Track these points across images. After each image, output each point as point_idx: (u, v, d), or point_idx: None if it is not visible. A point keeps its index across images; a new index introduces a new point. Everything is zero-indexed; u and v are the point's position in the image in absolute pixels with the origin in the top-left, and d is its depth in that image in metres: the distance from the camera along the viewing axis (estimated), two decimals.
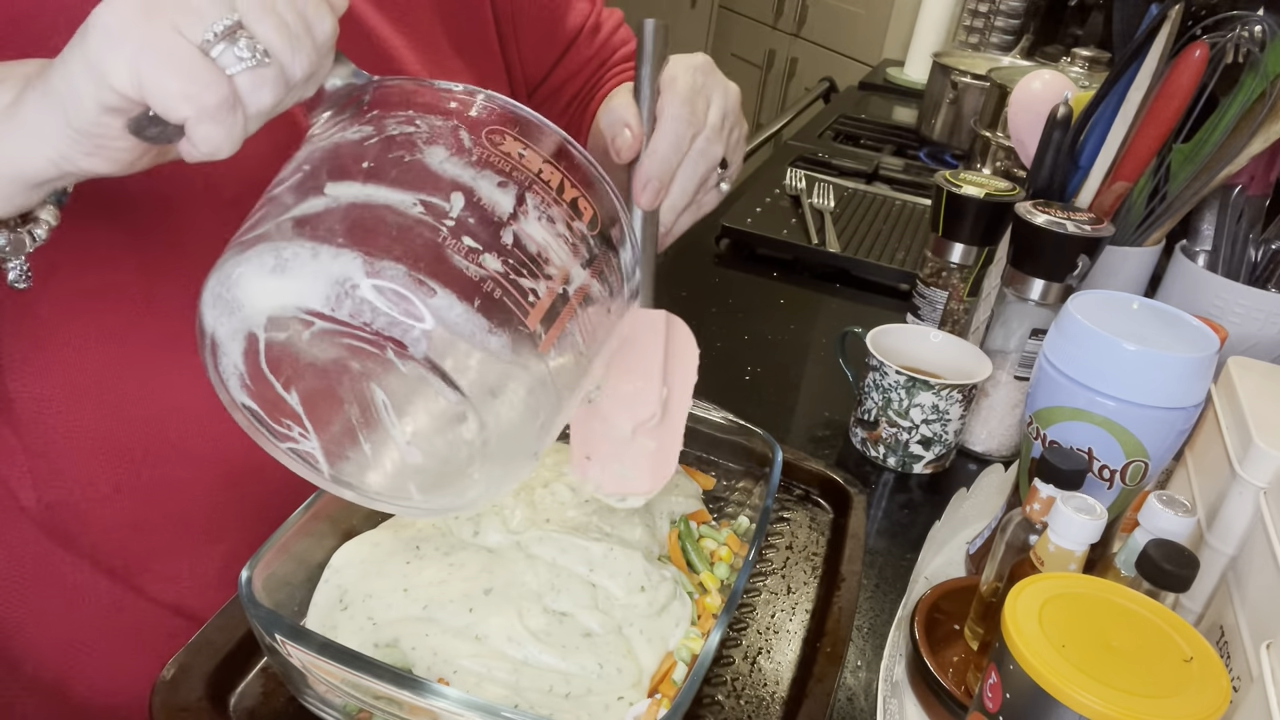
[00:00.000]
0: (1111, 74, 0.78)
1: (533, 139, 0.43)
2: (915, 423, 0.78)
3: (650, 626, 0.52)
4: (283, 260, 0.37)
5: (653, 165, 0.52)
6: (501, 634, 0.49)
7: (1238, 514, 0.57)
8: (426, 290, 0.36)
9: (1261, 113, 0.74)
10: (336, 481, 0.44)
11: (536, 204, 0.41)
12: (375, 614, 0.50)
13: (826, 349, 0.99)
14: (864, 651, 0.61)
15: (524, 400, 0.40)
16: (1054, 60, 1.72)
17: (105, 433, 0.54)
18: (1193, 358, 0.55)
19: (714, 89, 0.55)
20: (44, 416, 0.52)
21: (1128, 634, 0.40)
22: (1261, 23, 0.74)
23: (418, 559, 0.54)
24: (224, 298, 0.38)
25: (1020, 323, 0.78)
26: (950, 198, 0.82)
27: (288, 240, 0.37)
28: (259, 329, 0.38)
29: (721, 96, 0.55)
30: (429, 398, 0.39)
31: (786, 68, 2.82)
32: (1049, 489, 0.54)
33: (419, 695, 0.42)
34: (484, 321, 0.38)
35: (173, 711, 0.46)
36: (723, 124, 0.55)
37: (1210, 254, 0.83)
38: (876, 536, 0.73)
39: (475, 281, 0.38)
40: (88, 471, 0.54)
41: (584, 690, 0.48)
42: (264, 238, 0.37)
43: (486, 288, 0.38)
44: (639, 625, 0.52)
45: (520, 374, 0.40)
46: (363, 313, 0.36)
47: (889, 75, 2.12)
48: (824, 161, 1.50)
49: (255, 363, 0.40)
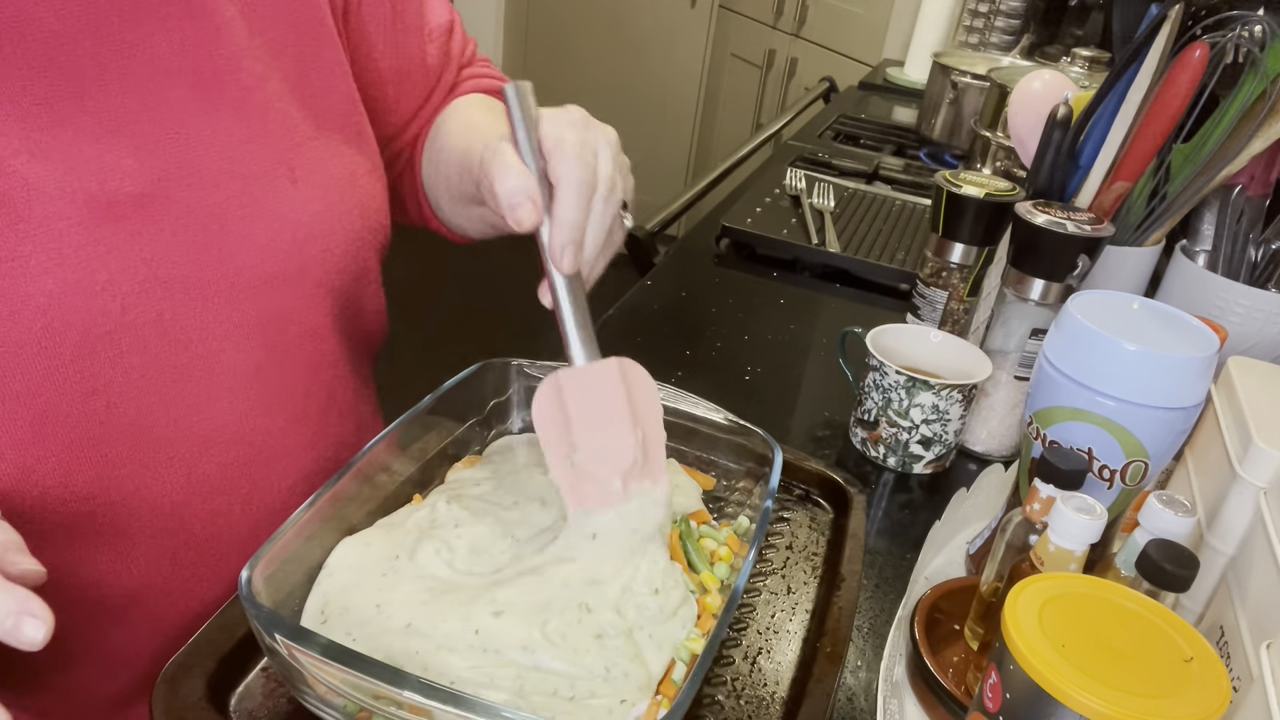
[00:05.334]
0: (1111, 74, 0.78)
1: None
2: (915, 423, 0.78)
3: (660, 631, 0.53)
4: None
5: (564, 234, 0.54)
6: (515, 643, 0.50)
7: (1238, 514, 0.57)
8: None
9: (1261, 113, 0.74)
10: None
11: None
12: (352, 629, 0.51)
13: (826, 349, 0.99)
14: (864, 651, 0.61)
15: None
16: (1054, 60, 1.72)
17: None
18: (1193, 358, 0.55)
19: (597, 140, 0.57)
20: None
21: (1128, 634, 0.40)
22: (1261, 23, 0.74)
23: (394, 571, 0.54)
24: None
25: (1020, 323, 0.78)
26: (950, 198, 0.82)
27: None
28: None
29: (606, 145, 0.57)
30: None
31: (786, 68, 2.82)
32: (1049, 489, 0.54)
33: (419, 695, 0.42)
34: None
35: (173, 711, 0.46)
36: (614, 171, 0.57)
37: (1210, 254, 0.83)
38: (876, 536, 0.73)
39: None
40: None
41: (588, 693, 0.48)
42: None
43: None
44: (649, 629, 0.52)
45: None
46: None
47: (889, 75, 2.12)
48: (824, 161, 1.50)
49: None
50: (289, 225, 0.59)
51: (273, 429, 0.61)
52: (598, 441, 0.56)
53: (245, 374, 0.58)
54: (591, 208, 0.56)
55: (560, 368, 0.67)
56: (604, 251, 0.59)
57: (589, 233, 0.56)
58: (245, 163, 0.57)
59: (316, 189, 0.61)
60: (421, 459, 0.64)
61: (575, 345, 0.56)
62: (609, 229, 0.57)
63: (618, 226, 0.59)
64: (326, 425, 0.66)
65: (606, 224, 0.57)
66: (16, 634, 0.37)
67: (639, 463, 0.57)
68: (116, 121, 0.51)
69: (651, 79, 3.23)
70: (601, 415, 0.57)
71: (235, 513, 0.60)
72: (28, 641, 0.37)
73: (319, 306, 0.62)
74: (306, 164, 0.60)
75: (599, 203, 0.56)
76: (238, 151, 0.56)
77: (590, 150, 0.56)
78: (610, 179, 0.57)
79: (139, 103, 0.52)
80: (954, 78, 1.61)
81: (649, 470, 0.57)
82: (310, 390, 0.64)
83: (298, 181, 0.59)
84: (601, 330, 0.96)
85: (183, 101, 0.54)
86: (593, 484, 0.56)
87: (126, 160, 0.51)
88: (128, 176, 0.51)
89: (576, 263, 0.55)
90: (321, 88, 0.63)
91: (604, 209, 0.56)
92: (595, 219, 0.56)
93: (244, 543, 0.60)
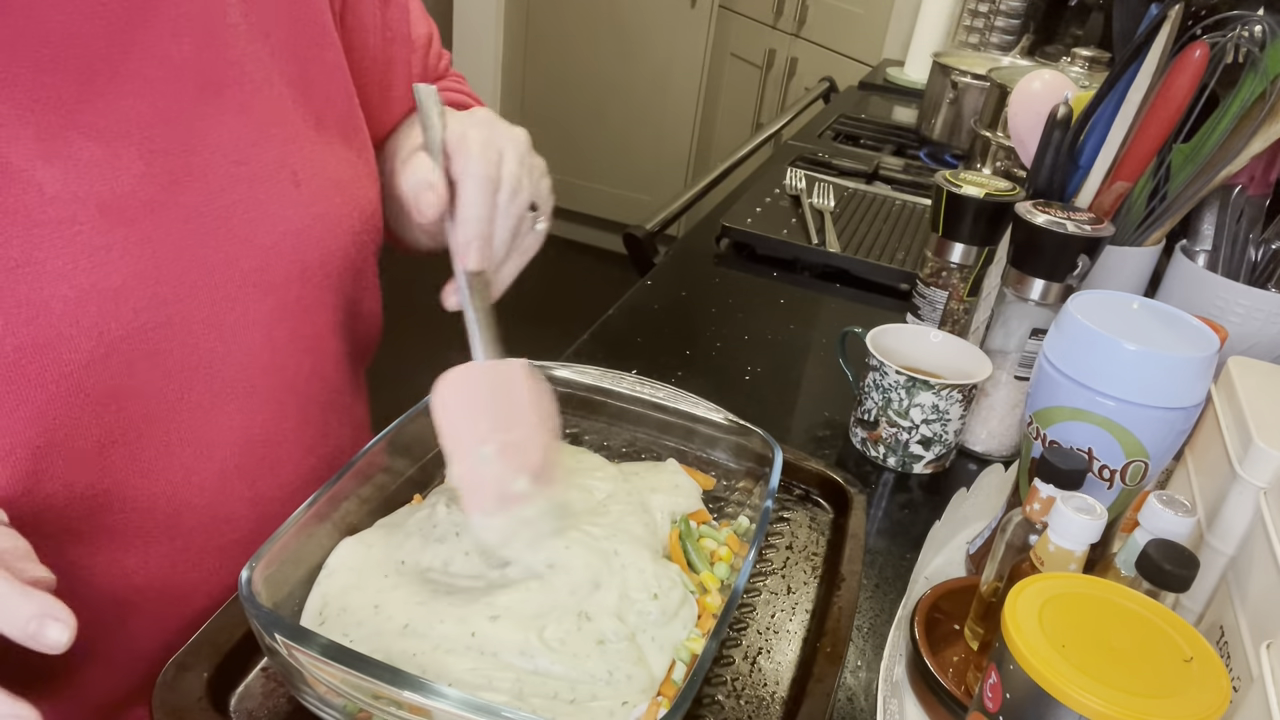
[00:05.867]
0: (1111, 74, 0.78)
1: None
2: (915, 423, 0.78)
3: (662, 633, 0.53)
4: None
5: (468, 229, 0.55)
6: (512, 647, 0.50)
7: (1238, 514, 0.57)
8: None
9: (1261, 113, 0.74)
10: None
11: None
12: (350, 630, 0.50)
13: (826, 349, 0.99)
14: (864, 651, 0.61)
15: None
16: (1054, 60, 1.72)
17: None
18: (1193, 358, 0.55)
19: (502, 140, 0.58)
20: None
21: (1128, 634, 0.40)
22: (1261, 23, 0.74)
23: (395, 572, 0.54)
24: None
25: (1020, 323, 0.78)
26: (950, 198, 0.82)
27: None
28: None
29: (511, 144, 0.58)
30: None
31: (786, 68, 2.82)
32: (1049, 489, 0.54)
33: (419, 695, 0.42)
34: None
35: (173, 711, 0.46)
36: (520, 170, 0.57)
37: (1210, 254, 0.83)
38: (876, 536, 0.73)
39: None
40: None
41: (589, 696, 0.48)
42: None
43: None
44: (651, 632, 0.52)
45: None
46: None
47: (889, 75, 2.12)
48: (824, 161, 1.50)
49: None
50: (294, 227, 0.59)
51: (276, 431, 0.61)
52: (509, 438, 0.55)
53: (250, 376, 0.58)
54: (496, 204, 0.56)
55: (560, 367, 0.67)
56: (513, 255, 0.59)
57: (496, 230, 0.56)
58: (251, 165, 0.57)
59: (319, 191, 0.61)
60: (421, 459, 0.64)
61: (479, 344, 0.55)
62: (514, 230, 0.58)
63: (527, 228, 0.60)
64: (327, 426, 0.66)
65: (512, 223, 0.57)
66: (40, 637, 0.37)
67: (541, 464, 0.56)
68: (126, 125, 0.51)
69: (651, 79, 3.23)
70: (511, 413, 0.56)
71: (238, 515, 0.60)
72: (52, 644, 0.37)
73: (321, 308, 0.62)
74: (309, 166, 0.60)
75: (504, 200, 0.56)
76: (243, 154, 0.57)
77: (494, 149, 0.56)
78: (515, 177, 0.57)
79: (149, 106, 0.52)
80: (954, 78, 1.61)
81: (548, 475, 0.57)
82: (312, 392, 0.64)
83: (301, 184, 0.59)
84: (601, 330, 0.97)
85: (191, 104, 0.54)
86: (496, 485, 0.55)
87: (136, 164, 0.51)
88: (138, 180, 0.51)
89: (483, 259, 0.55)
90: (322, 89, 0.63)
91: (509, 207, 0.57)
92: (501, 217, 0.56)
93: (246, 543, 0.60)
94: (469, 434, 0.54)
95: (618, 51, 3.24)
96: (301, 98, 0.61)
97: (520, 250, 0.60)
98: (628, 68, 3.25)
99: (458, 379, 0.55)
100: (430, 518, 0.58)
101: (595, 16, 3.21)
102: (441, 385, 0.54)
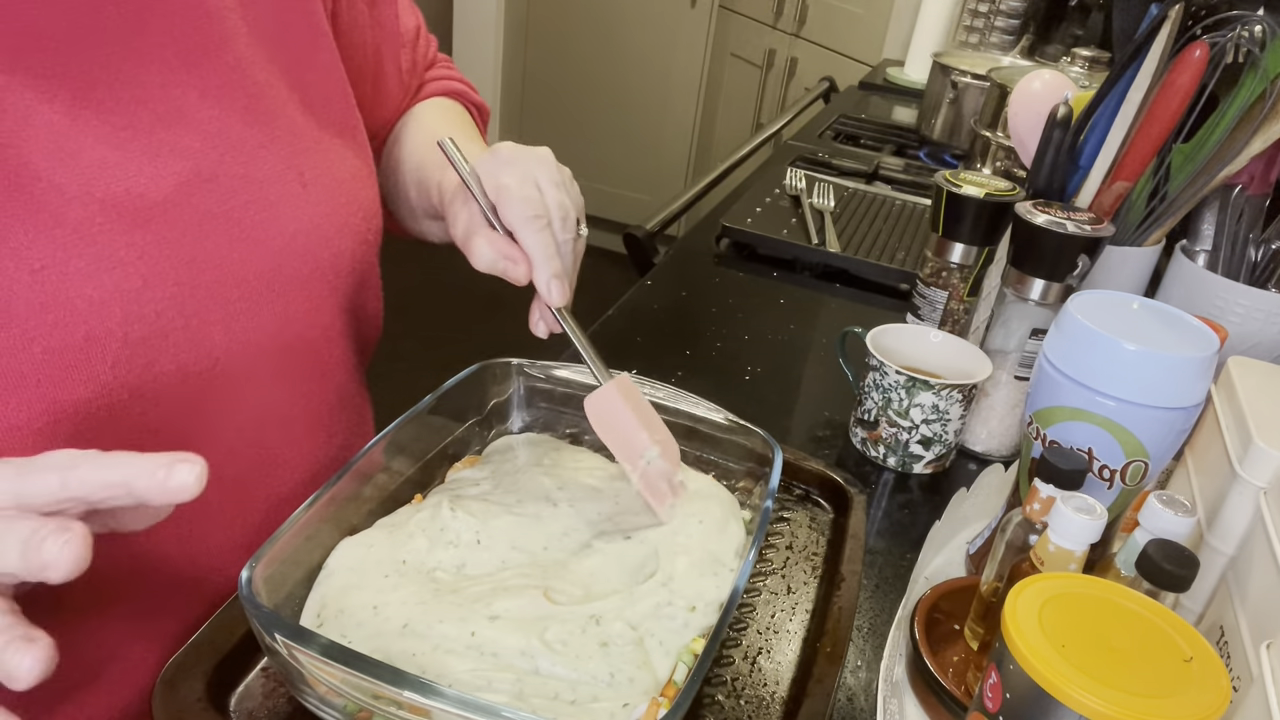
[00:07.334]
0: (1111, 74, 0.78)
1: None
2: (915, 423, 0.78)
3: (671, 639, 0.53)
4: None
5: (543, 271, 0.58)
6: (512, 648, 0.49)
7: (1238, 514, 0.57)
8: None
9: (1261, 113, 0.74)
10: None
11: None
12: (348, 631, 0.50)
13: (826, 349, 0.99)
14: (864, 651, 0.61)
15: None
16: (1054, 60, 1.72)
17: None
18: (1193, 358, 0.55)
19: (534, 171, 0.59)
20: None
21: (1128, 634, 0.40)
22: (1261, 23, 0.74)
23: (395, 573, 0.54)
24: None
25: (1020, 323, 0.78)
26: (950, 198, 0.82)
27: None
28: None
29: (543, 170, 0.60)
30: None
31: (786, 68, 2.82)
32: (1049, 489, 0.54)
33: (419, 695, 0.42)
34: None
35: (173, 711, 0.46)
36: (560, 195, 0.60)
37: (1210, 254, 0.83)
38: (876, 536, 0.73)
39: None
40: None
41: (590, 697, 0.48)
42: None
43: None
44: (659, 636, 0.52)
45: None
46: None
47: (889, 75, 2.12)
48: (824, 161, 1.50)
49: None
50: (302, 229, 0.59)
51: (286, 432, 0.61)
52: (660, 438, 0.61)
53: (261, 378, 0.58)
54: (555, 238, 0.59)
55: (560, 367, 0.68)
56: (574, 268, 0.62)
57: (563, 259, 0.59)
58: (258, 167, 0.57)
59: (325, 192, 0.61)
60: (421, 459, 0.64)
61: (598, 363, 0.60)
62: (576, 252, 0.61)
63: (577, 240, 0.62)
64: (334, 427, 0.66)
65: (571, 250, 0.60)
66: (172, 480, 0.38)
67: (676, 456, 0.62)
68: (132, 129, 0.51)
69: (651, 79, 3.23)
70: (649, 417, 0.61)
71: (248, 518, 0.60)
72: (182, 484, 0.38)
73: (328, 309, 0.63)
74: (314, 167, 0.61)
75: (559, 230, 0.59)
76: (250, 156, 0.57)
77: (531, 185, 0.59)
78: (560, 204, 0.59)
79: (151, 111, 0.52)
80: (954, 78, 1.61)
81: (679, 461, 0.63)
82: (320, 393, 0.64)
83: (308, 185, 0.60)
84: (602, 330, 0.97)
85: (194, 108, 0.54)
86: (668, 480, 0.61)
87: (147, 167, 0.51)
88: (149, 182, 0.51)
89: (566, 294, 0.59)
90: (320, 90, 0.63)
91: (564, 234, 0.60)
92: (561, 246, 0.59)
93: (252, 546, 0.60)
94: (635, 444, 0.60)
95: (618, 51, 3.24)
96: (302, 99, 0.62)
97: (576, 261, 0.63)
98: (628, 67, 3.25)
99: (604, 401, 0.60)
100: (433, 517, 0.58)
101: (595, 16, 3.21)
102: (594, 409, 0.60)
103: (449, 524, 0.58)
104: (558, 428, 0.72)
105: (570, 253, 0.60)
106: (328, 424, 0.65)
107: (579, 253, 0.63)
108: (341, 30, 0.68)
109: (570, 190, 0.62)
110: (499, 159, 0.59)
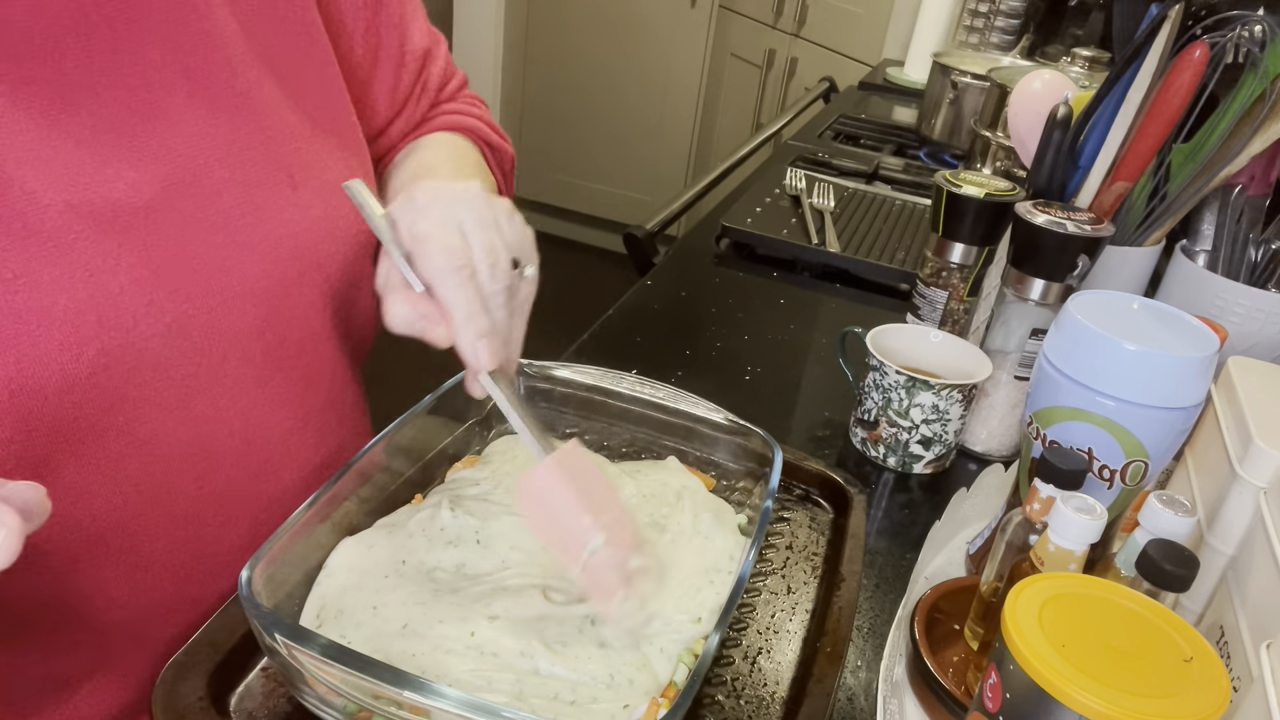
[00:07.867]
0: (1111, 74, 0.78)
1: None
2: (915, 423, 0.78)
3: (672, 643, 0.52)
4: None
5: (465, 332, 0.51)
6: (512, 649, 0.49)
7: (1238, 514, 0.57)
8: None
9: (1261, 113, 0.74)
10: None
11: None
12: (347, 632, 0.50)
13: (826, 349, 0.99)
14: (864, 651, 0.61)
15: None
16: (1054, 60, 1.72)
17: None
18: (1193, 358, 0.55)
19: (458, 212, 0.54)
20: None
21: (1128, 634, 0.40)
22: (1261, 23, 0.74)
23: (395, 573, 0.54)
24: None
25: (1020, 323, 0.78)
26: (950, 198, 0.82)
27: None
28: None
29: (470, 210, 0.54)
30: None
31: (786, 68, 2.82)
32: (1049, 489, 0.54)
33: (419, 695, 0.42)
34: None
35: (173, 711, 0.46)
36: (489, 236, 0.54)
37: (1210, 254, 0.83)
38: (876, 536, 0.73)
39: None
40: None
41: (590, 698, 0.48)
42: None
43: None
44: (660, 643, 0.52)
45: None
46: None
47: (889, 75, 2.12)
48: (824, 161, 1.50)
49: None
50: (291, 231, 0.58)
51: (278, 436, 0.61)
52: (607, 521, 0.51)
53: (251, 382, 0.58)
54: (481, 290, 0.52)
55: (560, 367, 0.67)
56: (515, 318, 0.56)
57: (491, 315, 0.53)
58: (246, 169, 0.56)
59: (316, 194, 0.60)
60: (421, 459, 0.64)
61: (532, 434, 0.52)
62: (507, 301, 0.55)
63: (517, 285, 0.56)
64: (327, 429, 0.66)
65: (502, 298, 0.54)
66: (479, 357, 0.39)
67: (637, 532, 0.54)
68: (115, 132, 0.51)
69: (651, 79, 3.23)
70: (596, 496, 0.52)
71: (243, 521, 0.60)
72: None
73: (320, 312, 0.62)
74: (305, 168, 0.60)
75: (486, 280, 0.53)
76: (238, 158, 0.56)
77: (453, 230, 0.53)
78: (488, 249, 0.53)
79: (135, 113, 0.52)
80: (954, 78, 1.61)
81: (639, 539, 0.54)
82: (312, 395, 0.64)
83: (298, 187, 0.59)
84: (601, 330, 0.97)
85: (180, 110, 0.54)
86: (617, 572, 0.51)
87: (128, 171, 0.51)
88: (131, 186, 0.51)
89: (494, 356, 0.52)
90: (314, 90, 0.63)
91: (492, 284, 0.53)
92: (490, 299, 0.53)
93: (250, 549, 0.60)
94: (575, 534, 0.50)
95: (618, 51, 3.24)
96: (293, 99, 0.61)
97: (519, 310, 0.56)
98: (627, 67, 3.25)
99: (539, 485, 0.51)
100: (435, 519, 0.58)
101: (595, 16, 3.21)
102: (526, 496, 0.51)
103: (449, 524, 0.57)
104: (558, 428, 0.72)
105: (504, 304, 0.54)
106: (320, 426, 0.65)
107: (527, 296, 0.56)
108: (334, 35, 0.67)
109: (506, 230, 0.55)
110: (416, 203, 0.54)
